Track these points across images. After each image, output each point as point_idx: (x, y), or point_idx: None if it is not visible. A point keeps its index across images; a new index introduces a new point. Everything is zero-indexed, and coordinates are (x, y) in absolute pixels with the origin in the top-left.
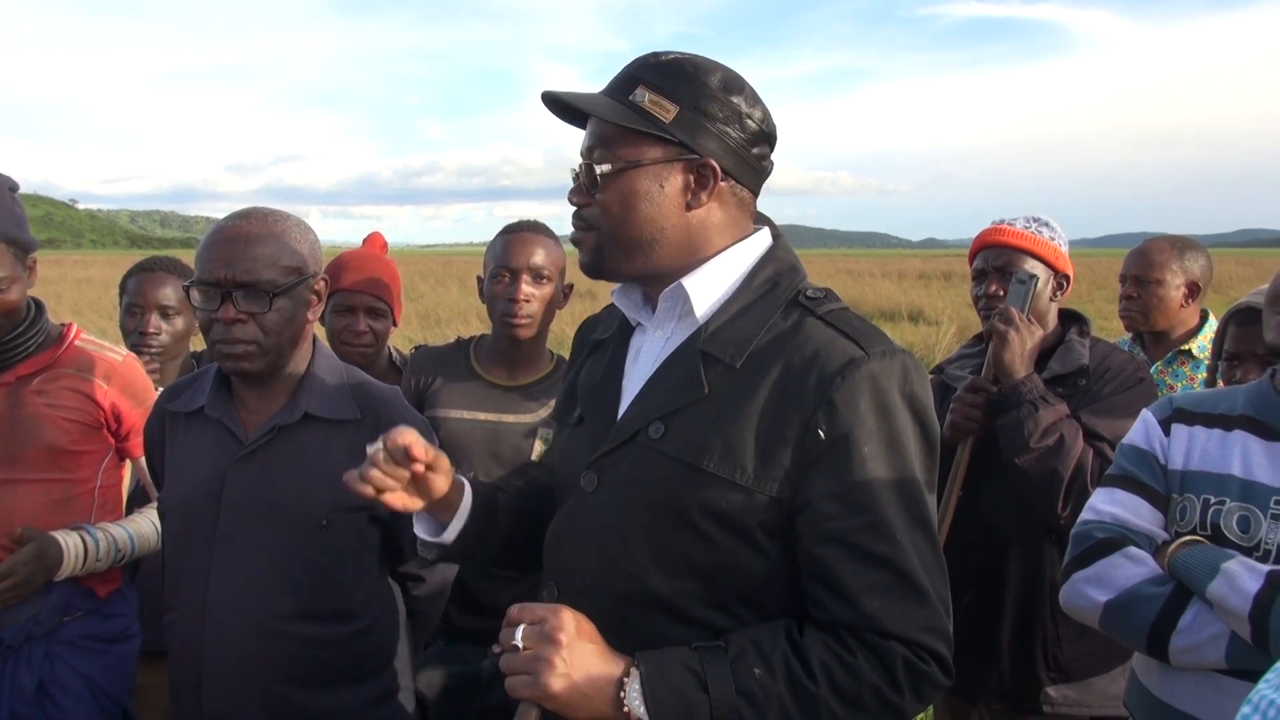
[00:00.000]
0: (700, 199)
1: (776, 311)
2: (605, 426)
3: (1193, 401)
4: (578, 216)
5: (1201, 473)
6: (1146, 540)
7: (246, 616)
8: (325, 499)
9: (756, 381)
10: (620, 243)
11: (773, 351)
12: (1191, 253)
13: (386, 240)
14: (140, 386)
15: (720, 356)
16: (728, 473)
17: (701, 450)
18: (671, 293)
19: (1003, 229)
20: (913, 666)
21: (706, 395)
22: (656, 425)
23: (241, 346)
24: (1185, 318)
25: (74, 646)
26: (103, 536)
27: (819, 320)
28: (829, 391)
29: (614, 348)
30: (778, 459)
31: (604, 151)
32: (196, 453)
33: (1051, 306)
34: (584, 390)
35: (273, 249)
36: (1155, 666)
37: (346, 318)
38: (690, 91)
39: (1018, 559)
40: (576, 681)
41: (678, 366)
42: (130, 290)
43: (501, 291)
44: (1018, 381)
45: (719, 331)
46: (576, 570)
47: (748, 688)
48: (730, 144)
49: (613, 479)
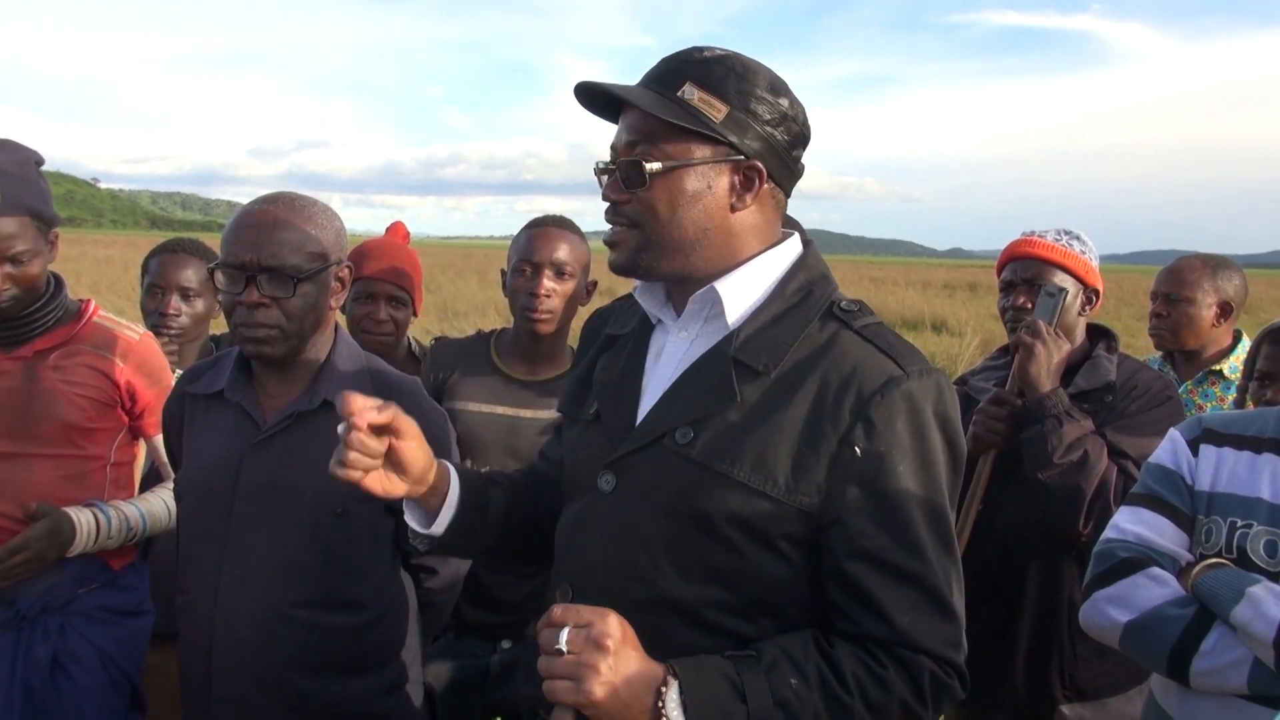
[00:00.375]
0: (745, 201)
1: (811, 322)
2: (624, 426)
3: (1222, 422)
4: (618, 213)
5: (1229, 495)
6: (1170, 561)
7: (258, 602)
8: (341, 487)
9: (791, 393)
10: (663, 243)
11: (808, 364)
12: (1225, 272)
13: (409, 230)
14: (156, 365)
15: (754, 365)
16: (758, 483)
17: (732, 458)
18: (703, 296)
19: (1033, 240)
20: (938, 680)
21: (739, 403)
22: (684, 430)
23: (264, 330)
24: (1217, 337)
25: (89, 618)
26: (115, 514)
27: (856, 335)
28: (867, 409)
29: (633, 344)
30: (811, 473)
31: (649, 148)
32: (214, 436)
33: (1080, 321)
34: (601, 386)
35: (298, 234)
36: (1175, 689)
37: (368, 305)
38: (740, 91)
39: (1036, 574)
40: (619, 689)
41: (708, 371)
42: (152, 271)
43: (523, 285)
44: (1043, 395)
45: (752, 339)
46: (592, 572)
47: (784, 698)
48: (775, 146)
49: (633, 481)
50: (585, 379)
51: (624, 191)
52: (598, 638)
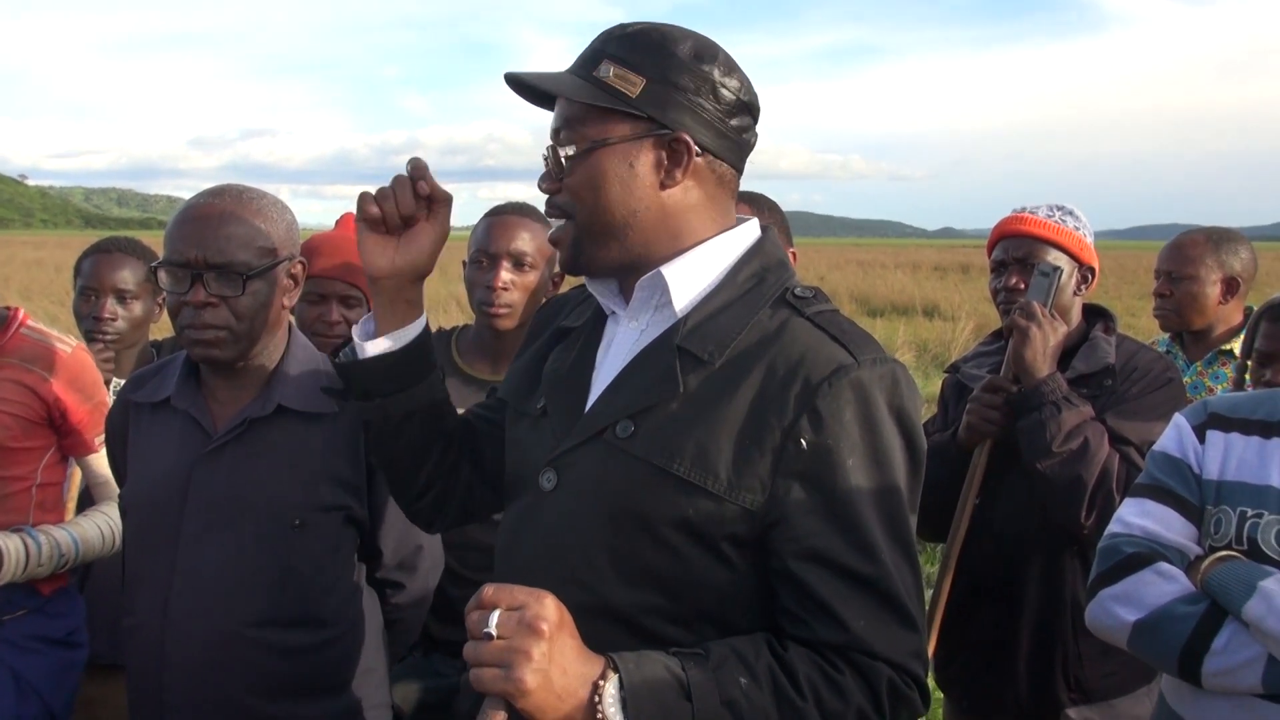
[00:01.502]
0: (675, 177)
1: (762, 308)
2: (571, 421)
3: (1229, 406)
4: (551, 205)
5: (1238, 483)
6: (1178, 555)
7: (211, 622)
8: (298, 498)
9: (736, 383)
10: (594, 230)
11: (755, 352)
12: (1230, 245)
13: None
14: (89, 381)
15: (699, 354)
16: (699, 478)
17: (672, 453)
18: (649, 282)
19: (1024, 217)
20: (897, 690)
21: (681, 394)
22: (625, 423)
23: (212, 332)
24: (1225, 315)
25: (13, 646)
26: (45, 540)
27: (807, 321)
28: (814, 399)
29: (586, 336)
30: (754, 467)
31: (569, 133)
32: (161, 446)
33: (1076, 301)
34: (549, 380)
35: (247, 229)
36: (1186, 690)
37: (319, 307)
38: (657, 63)
39: (1037, 571)
40: (553, 679)
41: (652, 362)
42: (85, 273)
43: (479, 278)
44: (1039, 381)
45: (699, 327)
46: (528, 574)
47: (732, 698)
48: (705, 116)
49: (574, 478)
50: (533, 370)
51: (553, 180)
52: (531, 621)
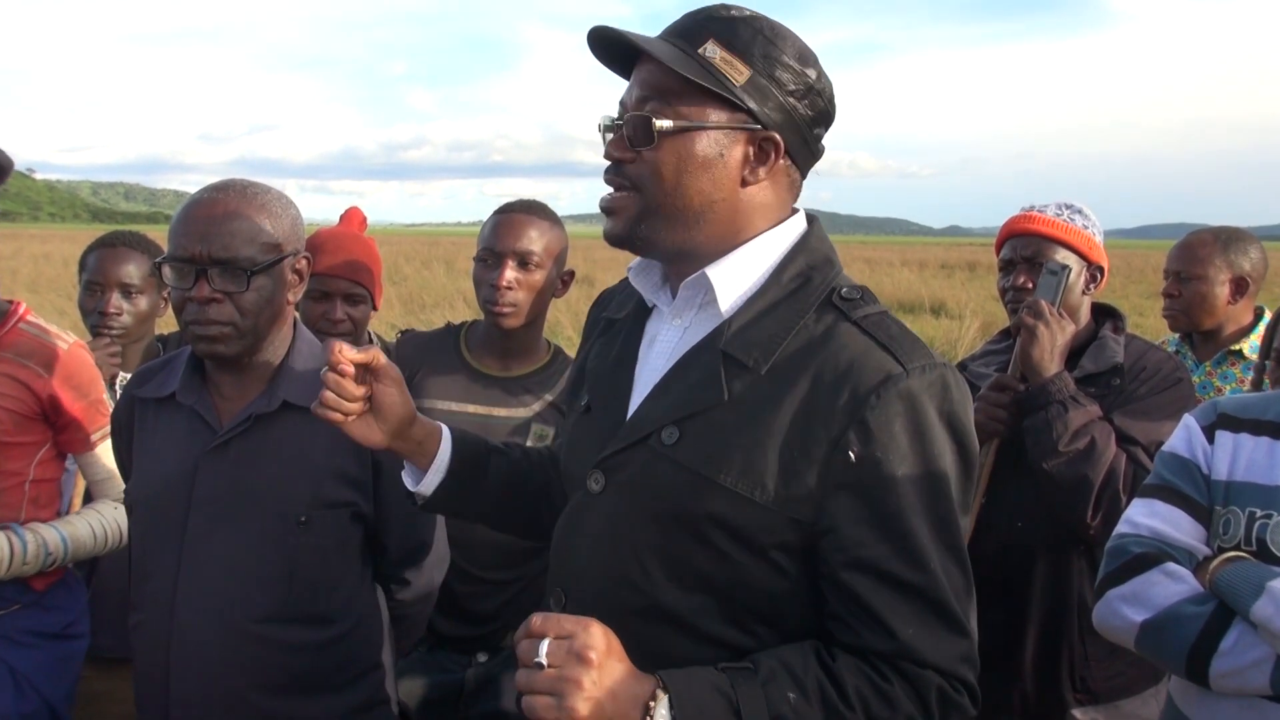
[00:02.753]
0: (758, 175)
1: (808, 312)
2: (615, 420)
3: (1239, 406)
4: (618, 173)
5: (1248, 484)
6: (1186, 556)
7: (217, 618)
8: (304, 494)
9: (783, 391)
10: (665, 211)
11: (802, 359)
12: (1239, 245)
13: (366, 217)
14: (85, 378)
15: (744, 360)
16: (746, 489)
17: (719, 462)
18: (694, 283)
19: (1033, 216)
20: (946, 697)
21: (726, 402)
22: (670, 430)
23: (217, 328)
24: (1235, 315)
25: (8, 641)
26: (31, 539)
27: (854, 326)
28: (862, 411)
29: (627, 331)
30: (802, 479)
31: (661, 105)
32: (166, 442)
33: (1084, 300)
34: (592, 376)
35: (251, 224)
36: (1194, 691)
37: (323, 304)
38: (766, 55)
39: (1043, 571)
40: (604, 706)
41: (696, 366)
42: (90, 267)
43: (485, 276)
44: (1047, 380)
45: (743, 331)
46: (584, 577)
47: (781, 713)
48: (797, 120)
49: (621, 481)
50: (580, 369)
51: (629, 150)
52: (580, 650)
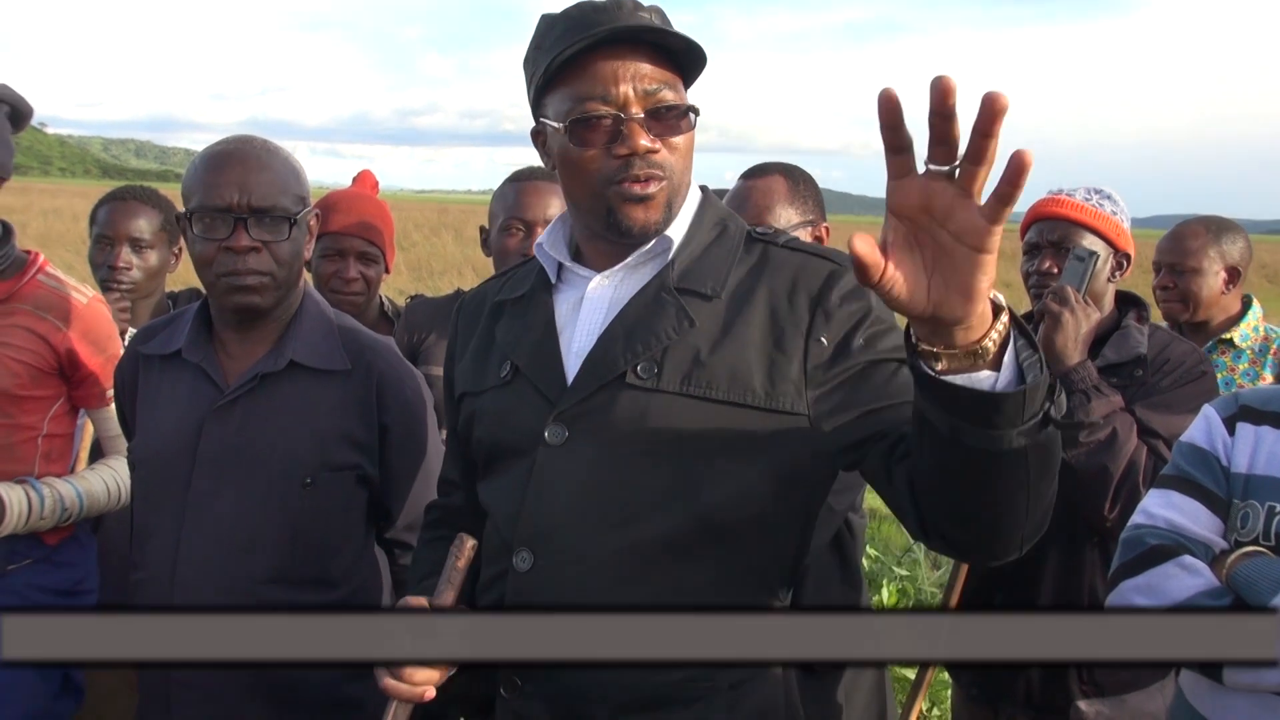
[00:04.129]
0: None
1: (738, 248)
2: (554, 378)
3: (1260, 399)
4: (654, 165)
5: (1267, 477)
6: (1203, 549)
7: (219, 579)
8: (310, 455)
9: (745, 309)
10: (679, 192)
11: (751, 281)
12: (1229, 235)
13: (379, 180)
14: (103, 333)
15: (702, 290)
16: (738, 397)
17: (707, 380)
18: (657, 243)
19: (1061, 199)
20: None
21: (695, 329)
22: (646, 364)
23: (256, 278)
24: (1226, 304)
25: (19, 596)
26: (49, 493)
27: (782, 249)
28: (821, 303)
29: (535, 302)
30: (785, 374)
31: (677, 96)
32: (171, 400)
33: (1110, 288)
34: (509, 347)
35: (283, 176)
36: (1206, 686)
37: (336, 263)
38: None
39: (1055, 560)
40: None
41: (653, 305)
42: (100, 221)
43: (515, 246)
44: (1069, 368)
45: (690, 270)
46: (558, 529)
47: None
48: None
49: (590, 427)
50: (483, 352)
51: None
52: None
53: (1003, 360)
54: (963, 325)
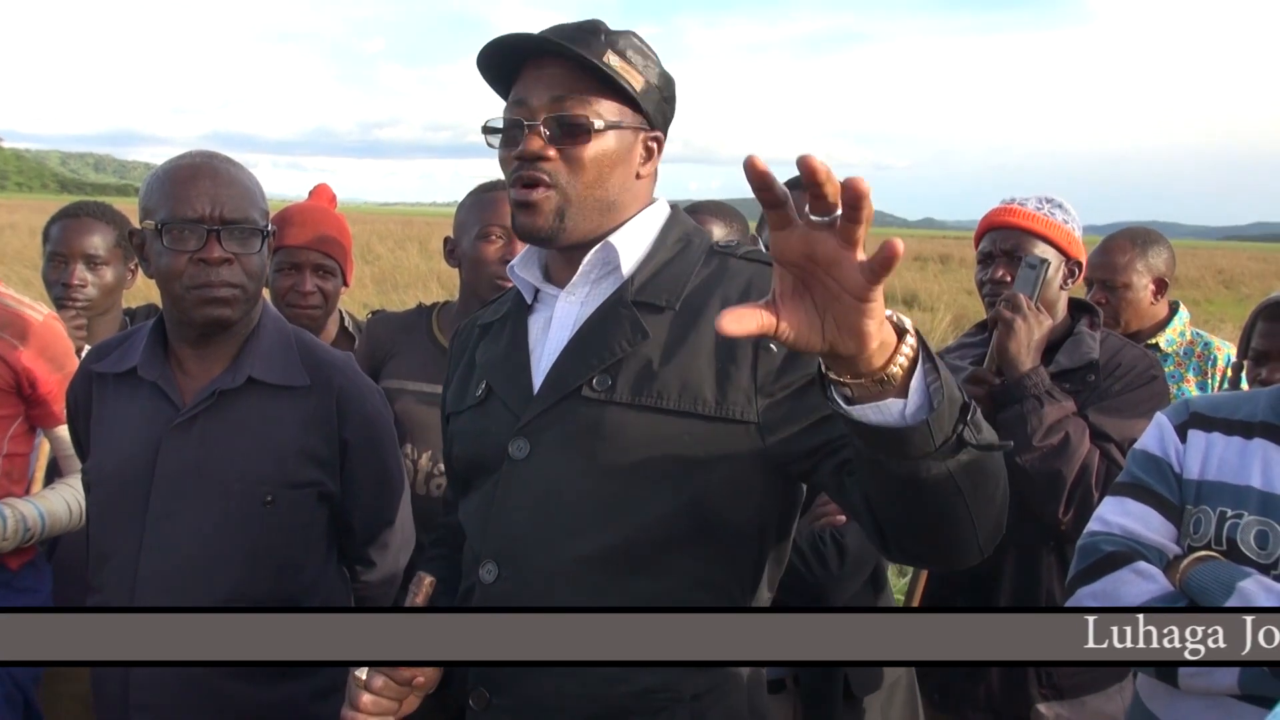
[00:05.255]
0: (645, 170)
1: (698, 262)
2: (522, 395)
3: (1211, 406)
4: (539, 170)
5: (1219, 483)
6: (1157, 554)
7: (180, 598)
8: (270, 472)
9: (698, 319)
10: (587, 204)
11: (705, 291)
12: (1154, 248)
13: (336, 194)
14: (59, 350)
15: (657, 303)
16: (689, 406)
17: (658, 391)
18: (599, 254)
19: (1013, 209)
20: None
21: (649, 341)
22: (601, 377)
23: (228, 290)
24: (1155, 313)
25: None
26: (10, 514)
27: (741, 259)
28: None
29: (512, 324)
30: (735, 381)
31: (579, 105)
32: (127, 419)
33: (1062, 295)
34: (486, 367)
35: (250, 189)
36: (1162, 690)
37: (292, 277)
38: (645, 65)
39: (1013, 565)
40: None
41: (610, 319)
42: (54, 238)
43: (495, 253)
44: (1023, 374)
45: (648, 284)
46: (520, 540)
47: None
48: (667, 119)
49: (550, 440)
50: (465, 374)
51: (549, 146)
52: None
53: (911, 384)
54: (862, 357)
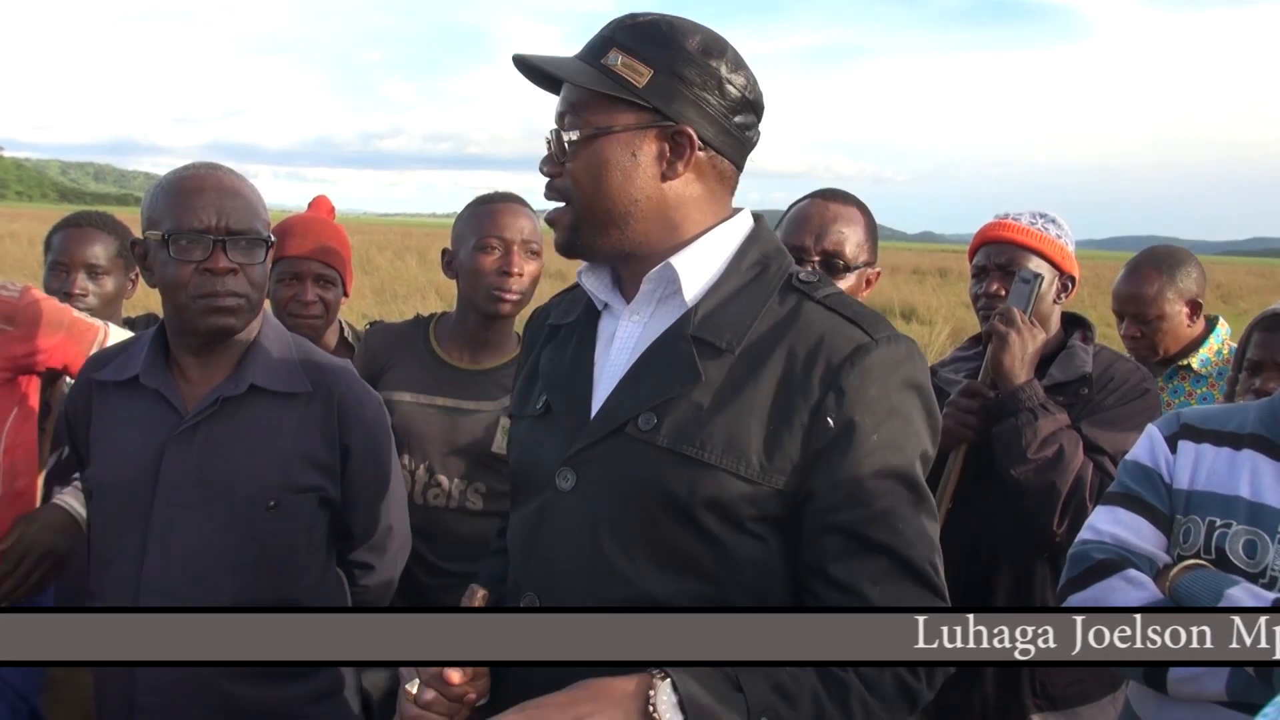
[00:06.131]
0: (676, 169)
1: (771, 296)
2: (579, 419)
3: (1201, 417)
4: (551, 188)
5: (1208, 493)
6: (1147, 563)
7: (184, 603)
8: (273, 478)
9: (758, 369)
10: (594, 217)
11: (773, 338)
12: (1182, 270)
13: (335, 205)
14: (47, 311)
15: (716, 343)
16: (731, 465)
17: (702, 441)
18: (659, 274)
19: (1007, 224)
20: None
21: (703, 383)
22: (647, 416)
23: (234, 299)
24: (1191, 334)
25: None
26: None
27: (818, 305)
28: (838, 379)
29: (580, 332)
30: (785, 450)
31: (574, 118)
32: (129, 426)
33: (1055, 309)
34: (548, 379)
35: (253, 200)
36: (1151, 697)
37: (293, 287)
38: (666, 55)
39: (1007, 576)
40: (606, 710)
41: (667, 353)
42: (55, 247)
43: (493, 264)
44: (1017, 387)
45: (711, 315)
46: (561, 575)
47: (781, 682)
48: (709, 111)
49: (596, 475)
50: (532, 375)
51: (555, 164)
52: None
53: None
54: None
